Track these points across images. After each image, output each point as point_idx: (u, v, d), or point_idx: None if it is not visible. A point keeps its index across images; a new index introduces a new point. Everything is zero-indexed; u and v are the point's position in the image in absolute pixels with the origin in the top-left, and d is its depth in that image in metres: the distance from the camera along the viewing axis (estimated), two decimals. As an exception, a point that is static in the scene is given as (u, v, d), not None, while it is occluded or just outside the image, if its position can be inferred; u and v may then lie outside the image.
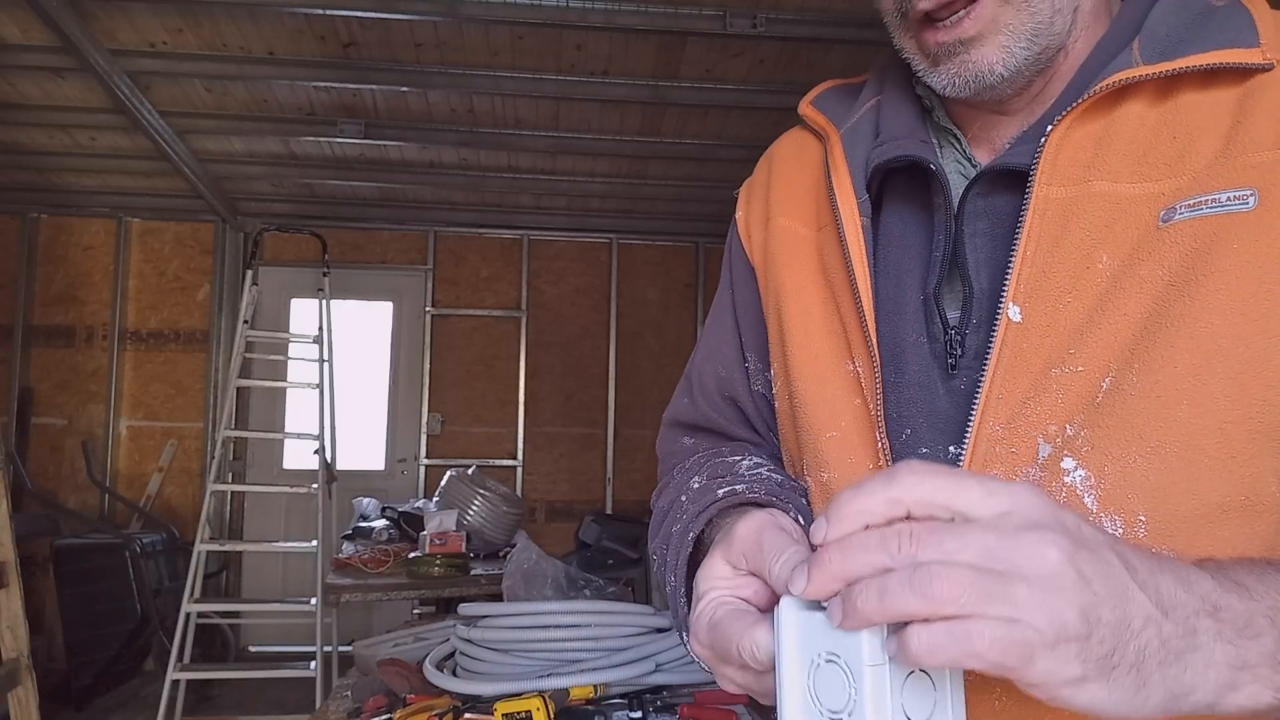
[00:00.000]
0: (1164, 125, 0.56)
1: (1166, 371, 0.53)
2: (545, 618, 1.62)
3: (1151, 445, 0.53)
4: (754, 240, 0.77)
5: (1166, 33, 0.57)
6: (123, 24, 3.41)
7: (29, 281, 5.45)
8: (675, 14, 3.20)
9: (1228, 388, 0.52)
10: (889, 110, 0.68)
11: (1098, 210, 0.56)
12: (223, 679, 4.68)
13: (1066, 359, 0.56)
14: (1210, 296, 0.52)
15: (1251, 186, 0.53)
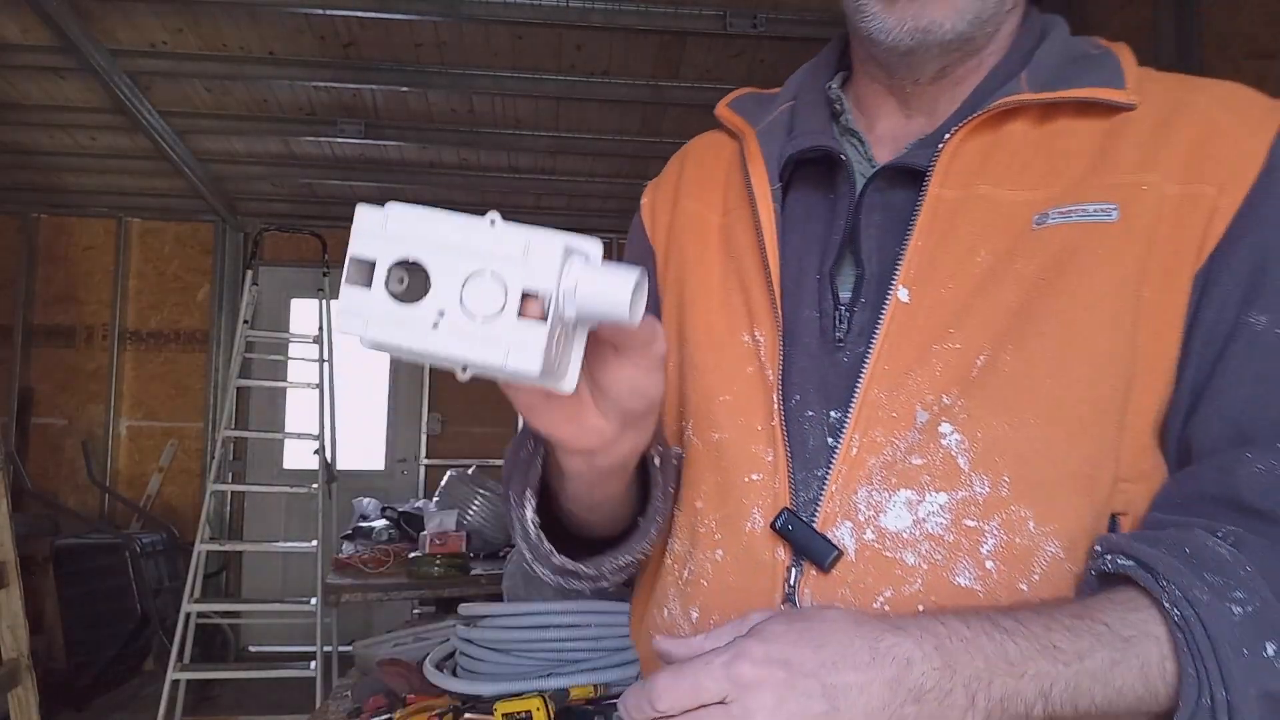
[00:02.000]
0: (1042, 144, 0.65)
1: (1036, 353, 0.60)
2: (545, 618, 1.62)
3: (1019, 416, 0.60)
4: (658, 223, 0.84)
5: (1050, 68, 0.67)
6: (123, 24, 3.41)
7: (29, 281, 5.45)
8: (675, 14, 3.20)
9: (1084, 372, 0.59)
10: (803, 111, 0.75)
11: (981, 211, 0.64)
12: (223, 679, 4.67)
13: (946, 337, 0.62)
14: (1075, 292, 0.60)
15: (1115, 202, 0.61)
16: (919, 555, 0.60)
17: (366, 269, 0.47)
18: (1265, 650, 0.51)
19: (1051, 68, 0.67)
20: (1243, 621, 0.51)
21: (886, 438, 0.62)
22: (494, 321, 0.45)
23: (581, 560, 0.69)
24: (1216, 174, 0.60)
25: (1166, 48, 2.26)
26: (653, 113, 4.14)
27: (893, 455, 0.62)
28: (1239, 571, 0.53)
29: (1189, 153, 0.61)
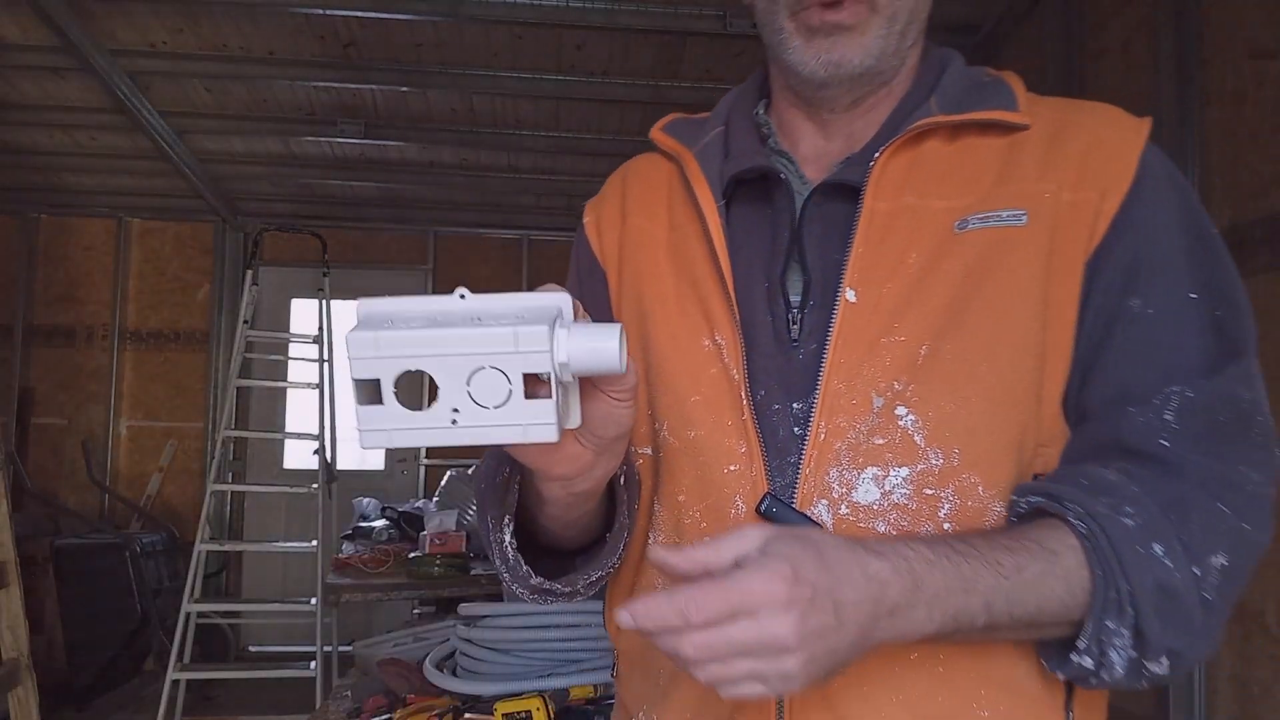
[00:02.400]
0: (954, 159, 0.75)
1: (971, 342, 0.69)
2: (545, 618, 1.62)
3: (963, 396, 0.69)
4: (605, 239, 0.92)
5: (955, 94, 0.76)
6: (123, 24, 3.42)
7: (29, 281, 5.45)
8: (675, 14, 3.20)
9: (1009, 355, 0.69)
10: (736, 135, 0.84)
11: (909, 219, 0.73)
12: (223, 679, 4.67)
13: (891, 331, 0.71)
14: (998, 287, 0.70)
15: (1024, 208, 0.71)
16: (888, 523, 0.69)
17: (373, 386, 0.50)
18: (1154, 549, 0.61)
19: (957, 93, 0.76)
20: (1135, 528, 0.61)
21: (850, 423, 0.70)
22: (505, 406, 0.50)
23: (556, 576, 0.75)
24: (1099, 182, 0.70)
25: (1166, 48, 2.26)
26: (653, 113, 4.11)
27: (856, 438, 0.70)
28: (1127, 491, 0.63)
29: (1078, 164, 0.71)
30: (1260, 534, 0.64)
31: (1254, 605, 2.02)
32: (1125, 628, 0.61)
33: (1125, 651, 0.61)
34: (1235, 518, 0.63)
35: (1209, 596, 0.62)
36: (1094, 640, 0.61)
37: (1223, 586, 0.62)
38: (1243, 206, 2.08)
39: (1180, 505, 0.63)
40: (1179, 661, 0.62)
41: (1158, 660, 0.61)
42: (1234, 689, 2.08)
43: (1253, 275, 2.04)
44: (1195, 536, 0.62)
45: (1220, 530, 0.62)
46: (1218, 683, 2.12)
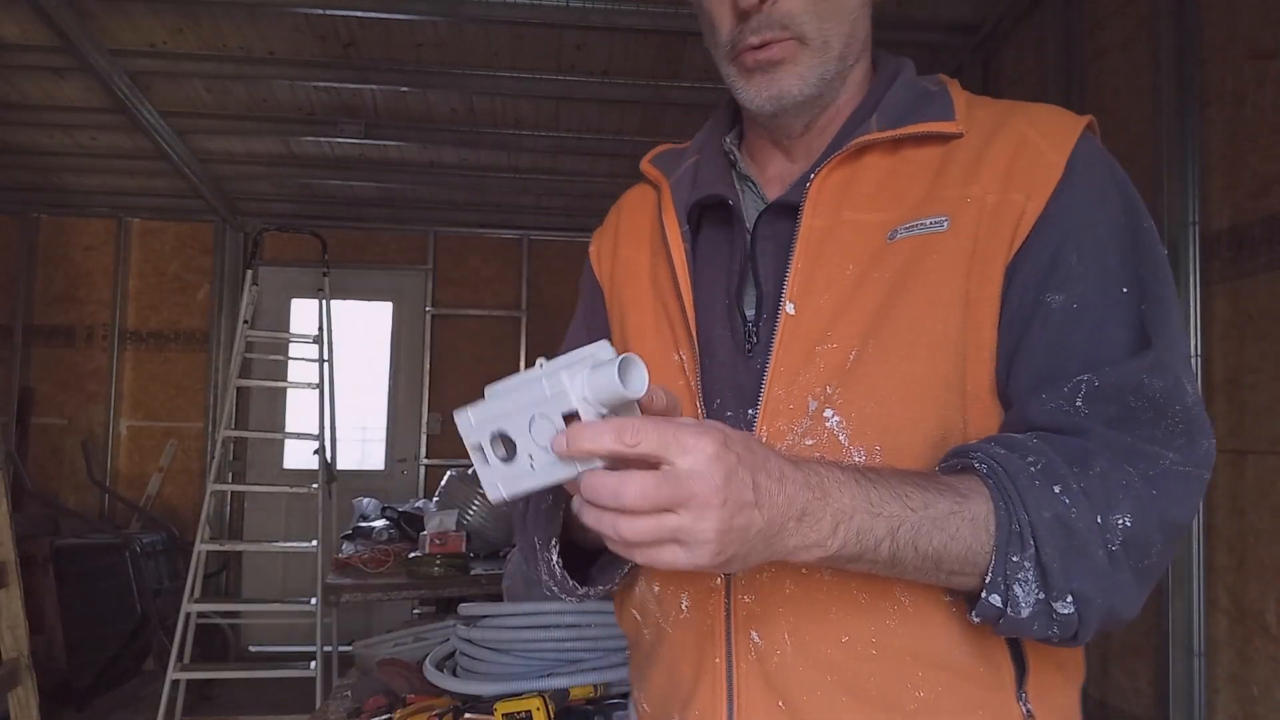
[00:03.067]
0: (891, 172, 0.79)
1: (891, 345, 0.73)
2: (545, 618, 1.62)
3: (882, 396, 0.73)
4: (603, 267, 1.01)
5: (896, 108, 0.80)
6: (123, 24, 3.41)
7: (29, 281, 5.45)
8: (675, 14, 3.20)
9: (929, 354, 0.72)
10: (705, 164, 0.90)
11: (845, 233, 0.78)
12: (223, 679, 4.67)
13: (825, 339, 0.76)
14: (918, 291, 0.73)
15: (946, 214, 0.75)
16: None
17: (480, 452, 0.64)
18: (1054, 489, 0.64)
19: (898, 107, 0.81)
20: (1035, 470, 0.65)
21: (787, 426, 0.76)
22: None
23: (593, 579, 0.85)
24: (1025, 184, 0.74)
25: (1166, 47, 2.26)
26: (653, 113, 4.14)
27: (793, 440, 0.75)
28: (1029, 444, 0.66)
29: (1005, 166, 0.75)
30: (1173, 507, 0.65)
31: (1254, 605, 2.02)
32: (1028, 561, 0.63)
33: (1029, 587, 0.63)
34: (1142, 483, 0.65)
35: (1114, 549, 0.63)
36: (999, 574, 0.64)
37: (1128, 546, 0.64)
38: (1243, 206, 2.08)
39: (1083, 459, 0.65)
40: (1087, 608, 0.64)
41: (1064, 599, 0.63)
42: (1234, 689, 2.08)
43: (1253, 275, 2.04)
44: (1095, 487, 0.64)
45: (1122, 488, 0.64)
46: (1218, 683, 2.12)
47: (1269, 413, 1.99)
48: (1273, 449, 1.97)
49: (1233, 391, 2.10)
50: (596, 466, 0.59)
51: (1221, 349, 2.14)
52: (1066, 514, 0.63)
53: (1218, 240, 2.15)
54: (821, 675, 0.72)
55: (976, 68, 3.39)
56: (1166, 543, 0.66)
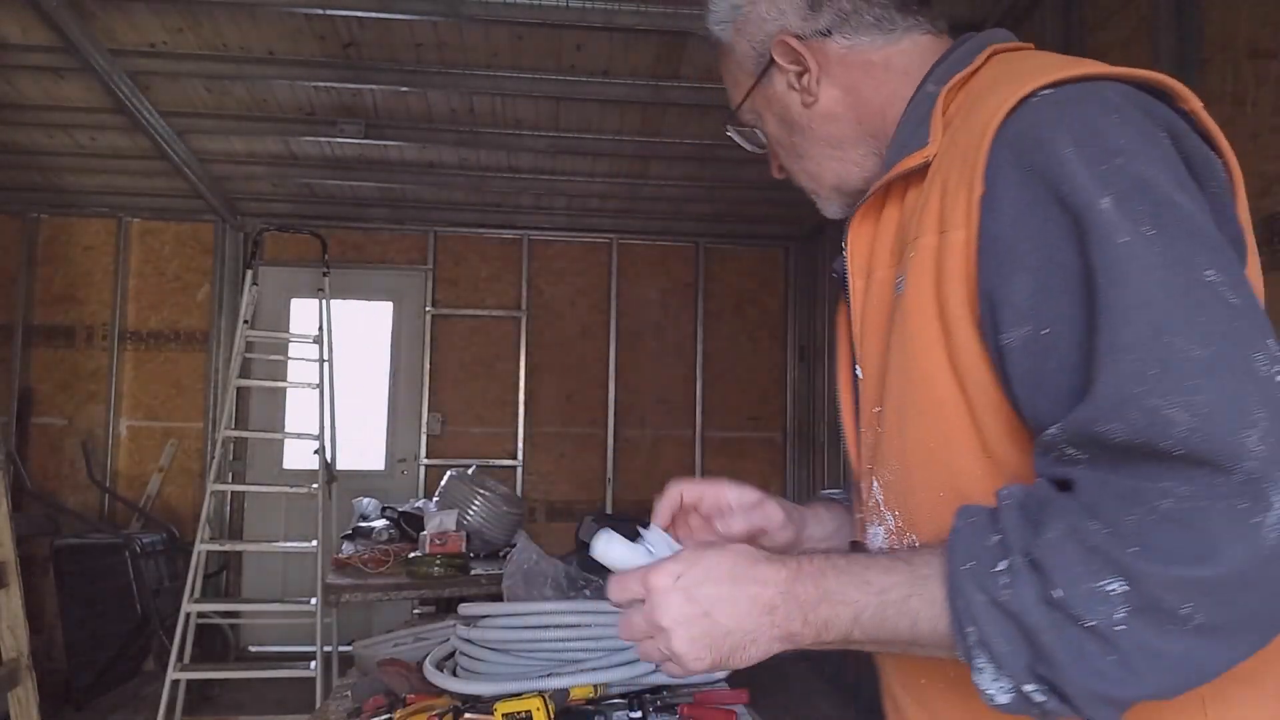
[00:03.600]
0: (899, 222, 0.77)
1: (894, 411, 0.75)
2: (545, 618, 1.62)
3: (895, 463, 0.76)
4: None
5: (899, 140, 0.78)
6: (123, 24, 3.41)
7: (29, 281, 5.45)
8: (675, 14, 3.20)
9: (925, 419, 0.72)
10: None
11: (876, 292, 0.79)
12: (223, 679, 4.67)
13: (876, 402, 0.78)
14: (899, 358, 0.73)
15: (903, 273, 0.72)
16: None
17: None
18: (995, 565, 0.59)
19: (899, 144, 0.78)
20: (992, 544, 0.60)
21: (864, 486, 0.82)
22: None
23: None
24: (955, 214, 0.68)
25: (1167, 47, 2.26)
26: (653, 113, 4.14)
27: (867, 501, 0.82)
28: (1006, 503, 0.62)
29: (941, 199, 0.70)
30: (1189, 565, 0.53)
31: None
32: (979, 651, 0.59)
33: (988, 675, 0.59)
34: (1121, 540, 0.54)
35: (1091, 622, 0.54)
36: (968, 659, 0.60)
37: (1134, 619, 0.54)
38: (1243, 206, 2.08)
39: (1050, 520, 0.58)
40: (1058, 699, 0.57)
41: (1031, 683, 0.57)
42: (1234, 689, 2.08)
43: (1253, 275, 2.04)
44: (1045, 555, 0.56)
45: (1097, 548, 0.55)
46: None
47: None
48: (1273, 449, 1.97)
49: (1233, 391, 2.10)
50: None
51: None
52: (1001, 596, 0.57)
53: (1218, 240, 2.15)
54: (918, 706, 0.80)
55: (976, 68, 3.39)
56: (1214, 604, 0.53)
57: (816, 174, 0.89)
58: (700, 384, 5.91)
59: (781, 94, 0.88)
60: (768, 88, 0.89)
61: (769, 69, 0.87)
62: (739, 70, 0.92)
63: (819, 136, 0.87)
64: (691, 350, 5.94)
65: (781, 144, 0.91)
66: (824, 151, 0.87)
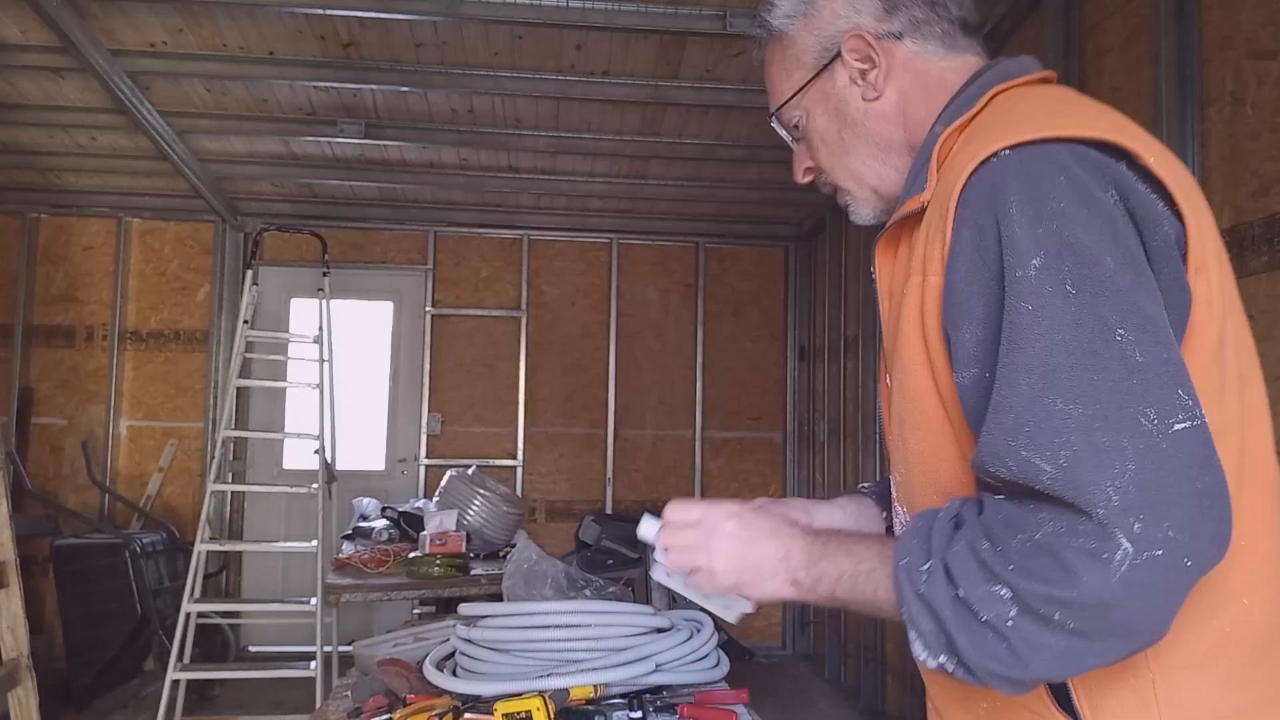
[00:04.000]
0: (911, 248, 0.83)
1: (897, 420, 0.87)
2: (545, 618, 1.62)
3: (902, 466, 0.88)
4: None
5: (910, 179, 0.87)
6: (123, 24, 3.42)
7: (29, 281, 5.45)
8: (675, 14, 3.20)
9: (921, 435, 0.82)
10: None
11: (893, 306, 0.86)
12: (223, 679, 4.67)
13: (900, 408, 0.86)
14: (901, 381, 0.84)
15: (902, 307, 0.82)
16: None
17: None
18: (922, 566, 0.71)
19: (910, 180, 0.87)
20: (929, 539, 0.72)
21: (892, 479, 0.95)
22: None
23: None
24: (932, 259, 0.77)
25: (1166, 47, 2.26)
26: (653, 113, 4.14)
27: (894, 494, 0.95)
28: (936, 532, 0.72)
29: (925, 243, 0.78)
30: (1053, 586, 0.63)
31: (1254, 605, 2.02)
32: (911, 627, 0.71)
33: (919, 647, 0.71)
34: (1003, 560, 0.66)
35: (984, 617, 0.66)
36: (907, 630, 0.72)
37: (1020, 618, 0.65)
38: (1243, 206, 2.08)
39: (960, 536, 0.70)
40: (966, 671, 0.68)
41: (940, 656, 0.69)
42: (1234, 689, 2.08)
43: (1253, 275, 2.04)
44: (960, 566, 0.68)
45: (986, 563, 0.67)
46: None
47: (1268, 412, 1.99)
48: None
49: (1233, 391, 2.10)
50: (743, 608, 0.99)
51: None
52: (926, 590, 0.70)
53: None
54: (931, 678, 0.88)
55: (976, 68, 3.39)
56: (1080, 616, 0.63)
57: (859, 173, 0.93)
58: (700, 384, 5.91)
59: (841, 88, 0.92)
60: (827, 81, 0.92)
61: (833, 62, 0.91)
62: (795, 64, 0.95)
63: (870, 134, 0.92)
64: (691, 350, 5.93)
65: (827, 140, 0.94)
66: (871, 151, 0.92)
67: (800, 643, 5.82)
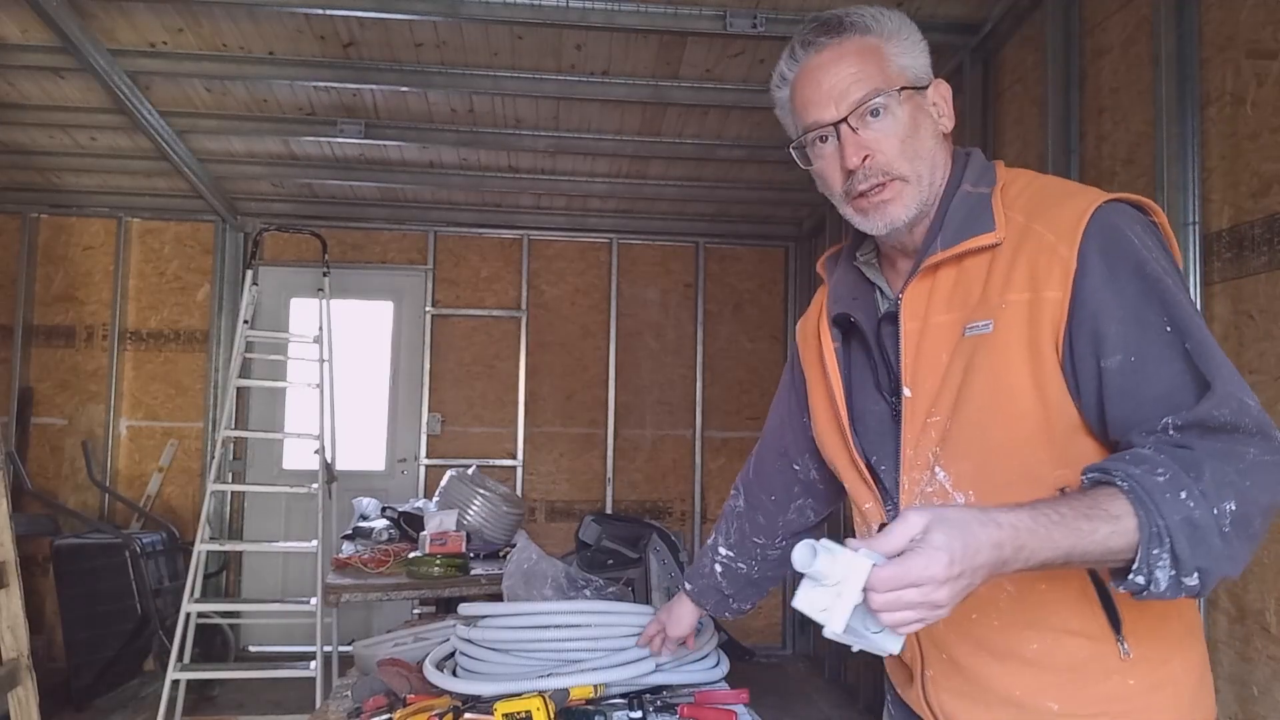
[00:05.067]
0: (958, 280, 1.05)
1: (969, 418, 1.02)
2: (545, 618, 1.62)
3: (971, 456, 1.03)
4: (800, 351, 1.33)
5: (954, 227, 1.06)
6: (123, 24, 3.42)
7: (29, 281, 5.45)
8: (675, 14, 3.20)
9: (1005, 423, 1.00)
10: (841, 280, 1.22)
11: (934, 332, 1.06)
12: (223, 679, 4.67)
13: (932, 413, 1.05)
14: (980, 378, 1.00)
15: (990, 318, 1.01)
16: None
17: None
18: (1180, 495, 0.83)
19: (955, 226, 1.06)
20: (1164, 482, 0.84)
21: (917, 478, 1.07)
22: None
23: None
24: (1050, 280, 0.97)
25: (1166, 47, 2.26)
26: (653, 113, 4.14)
27: (920, 488, 1.07)
28: (1157, 459, 0.86)
29: (1031, 270, 0.98)
30: (1262, 491, 0.86)
31: (1254, 605, 2.02)
32: (1165, 553, 0.83)
33: (1166, 570, 0.83)
34: (1238, 476, 0.85)
35: (1226, 530, 0.83)
36: (1144, 564, 0.83)
37: (1236, 525, 0.84)
38: (1243, 206, 2.08)
39: (1196, 466, 0.85)
40: (1206, 577, 0.84)
41: (1190, 575, 0.83)
42: (1234, 689, 2.08)
43: (1253, 275, 2.04)
44: (1209, 488, 0.84)
45: (1226, 484, 0.84)
46: (1218, 682, 2.12)
47: (1269, 412, 1.99)
48: (1273, 449, 1.97)
49: (1233, 391, 2.10)
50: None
51: (1222, 349, 2.14)
52: (1191, 514, 0.83)
53: (1218, 240, 2.15)
54: (964, 637, 1.07)
55: (977, 68, 3.39)
56: (1264, 517, 0.86)
57: (919, 173, 1.07)
58: (700, 384, 5.91)
59: (928, 107, 1.11)
60: (921, 95, 1.10)
61: (927, 89, 1.11)
62: (896, 68, 1.09)
63: (936, 151, 1.10)
64: (691, 350, 5.93)
65: (910, 135, 1.07)
66: (933, 163, 1.09)
67: (800, 643, 5.82)
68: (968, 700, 1.08)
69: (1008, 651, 1.04)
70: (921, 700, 1.15)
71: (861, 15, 1.09)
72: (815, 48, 1.09)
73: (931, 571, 0.78)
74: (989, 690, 1.06)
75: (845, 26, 1.09)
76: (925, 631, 1.07)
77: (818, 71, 1.08)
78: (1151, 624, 1.01)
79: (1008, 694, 1.04)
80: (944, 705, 1.11)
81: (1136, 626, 1.00)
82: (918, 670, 1.14)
